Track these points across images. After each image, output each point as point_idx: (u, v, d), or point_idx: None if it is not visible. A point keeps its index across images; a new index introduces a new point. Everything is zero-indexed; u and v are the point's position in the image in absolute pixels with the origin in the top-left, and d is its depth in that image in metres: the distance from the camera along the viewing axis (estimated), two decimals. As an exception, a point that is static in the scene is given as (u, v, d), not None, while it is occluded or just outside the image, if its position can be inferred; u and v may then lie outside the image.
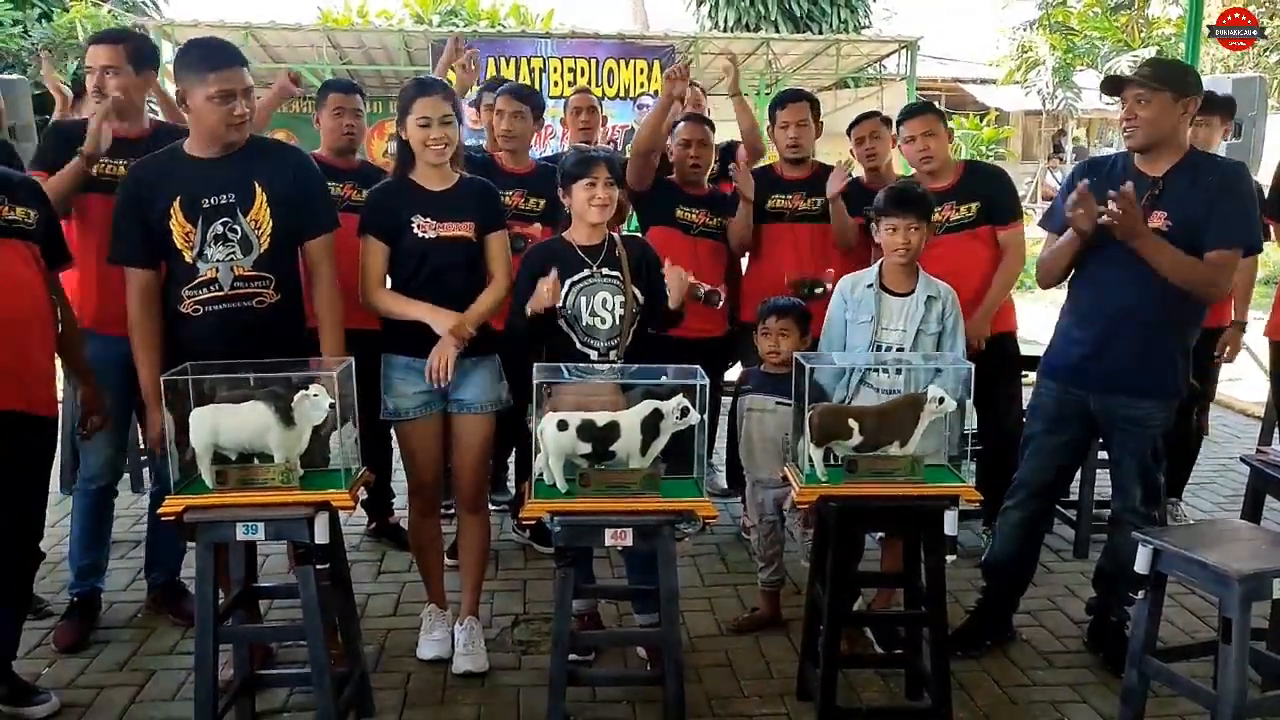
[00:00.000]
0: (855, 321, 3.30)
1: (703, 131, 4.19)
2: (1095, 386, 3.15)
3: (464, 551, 3.37)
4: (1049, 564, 4.15)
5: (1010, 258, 3.87)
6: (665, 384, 2.70)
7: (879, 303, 3.27)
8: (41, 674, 3.14)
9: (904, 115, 3.94)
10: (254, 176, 2.91)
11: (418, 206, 3.10)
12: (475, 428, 3.23)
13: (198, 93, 2.82)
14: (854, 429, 2.77)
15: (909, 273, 3.30)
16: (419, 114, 3.04)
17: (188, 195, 2.86)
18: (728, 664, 3.29)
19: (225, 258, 2.89)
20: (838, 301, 3.37)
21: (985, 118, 21.01)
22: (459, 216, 3.12)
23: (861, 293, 3.31)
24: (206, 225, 2.87)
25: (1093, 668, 3.28)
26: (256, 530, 2.59)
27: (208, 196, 2.87)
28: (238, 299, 2.92)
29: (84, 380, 3.07)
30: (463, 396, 3.19)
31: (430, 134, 3.04)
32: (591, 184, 3.10)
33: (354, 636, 2.92)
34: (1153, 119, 3.00)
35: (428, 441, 3.20)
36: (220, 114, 2.82)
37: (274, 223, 2.92)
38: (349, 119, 3.95)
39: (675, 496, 2.66)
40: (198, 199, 2.87)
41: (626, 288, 3.15)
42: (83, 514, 3.47)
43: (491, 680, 3.17)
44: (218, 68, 2.81)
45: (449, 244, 3.10)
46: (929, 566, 2.79)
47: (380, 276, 3.13)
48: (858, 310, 3.29)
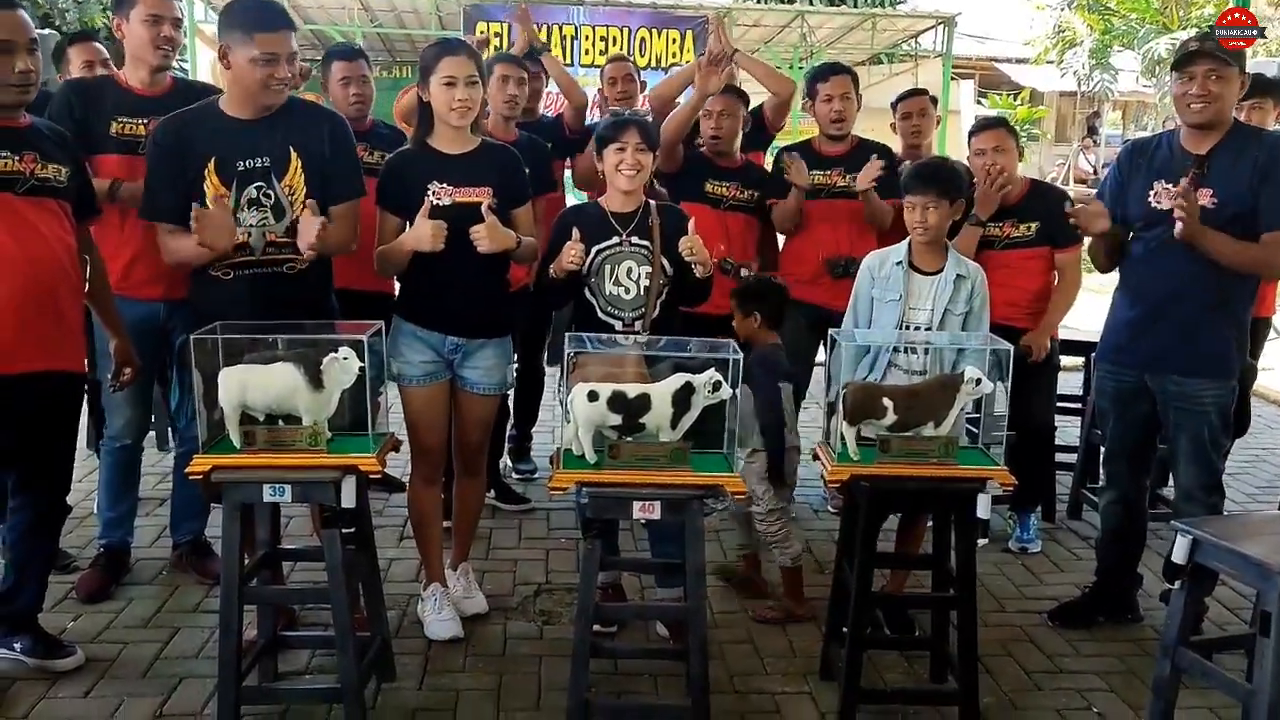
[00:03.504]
0: (883, 300, 3.26)
1: (731, 104, 4.06)
2: (1147, 365, 3.15)
3: (459, 509, 3.38)
4: (1076, 550, 4.11)
5: (1067, 281, 3.84)
6: (698, 357, 2.67)
7: (907, 281, 3.22)
8: (67, 628, 3.16)
9: (976, 128, 3.90)
10: (290, 141, 2.88)
11: (434, 173, 3.02)
12: (478, 407, 3.22)
13: (240, 52, 2.78)
14: (888, 408, 2.72)
15: (938, 250, 3.25)
16: (444, 73, 2.96)
17: (222, 157, 2.84)
18: (749, 641, 3.27)
19: (258, 222, 2.87)
20: (864, 278, 3.33)
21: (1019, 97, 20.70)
22: (476, 182, 3.03)
23: (890, 270, 3.27)
24: (240, 189, 2.84)
25: (1120, 655, 3.24)
26: (283, 492, 2.58)
27: (243, 159, 2.85)
28: (268, 264, 2.90)
29: (116, 333, 3.05)
30: (469, 375, 3.16)
31: (455, 94, 2.96)
32: (621, 149, 3.05)
33: (377, 602, 2.91)
34: (1224, 94, 2.97)
35: (431, 409, 3.15)
36: (261, 77, 2.78)
37: (308, 189, 2.89)
38: (356, 87, 3.90)
39: (704, 470, 2.63)
40: (232, 161, 2.84)
41: (655, 258, 3.09)
42: (109, 471, 3.51)
43: (513, 649, 3.17)
44: (264, 29, 2.77)
45: (465, 210, 2.98)
46: (959, 550, 2.74)
47: None
48: (886, 288, 3.26)
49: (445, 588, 3.29)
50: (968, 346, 2.99)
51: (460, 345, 3.12)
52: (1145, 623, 3.43)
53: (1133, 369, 3.21)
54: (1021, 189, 3.81)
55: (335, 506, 2.57)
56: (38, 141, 2.74)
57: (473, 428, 3.25)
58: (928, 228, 3.18)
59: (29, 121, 2.76)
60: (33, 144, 2.71)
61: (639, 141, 3.05)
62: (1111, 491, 3.40)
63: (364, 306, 3.20)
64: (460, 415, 3.22)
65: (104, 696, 2.82)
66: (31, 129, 2.75)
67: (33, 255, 2.65)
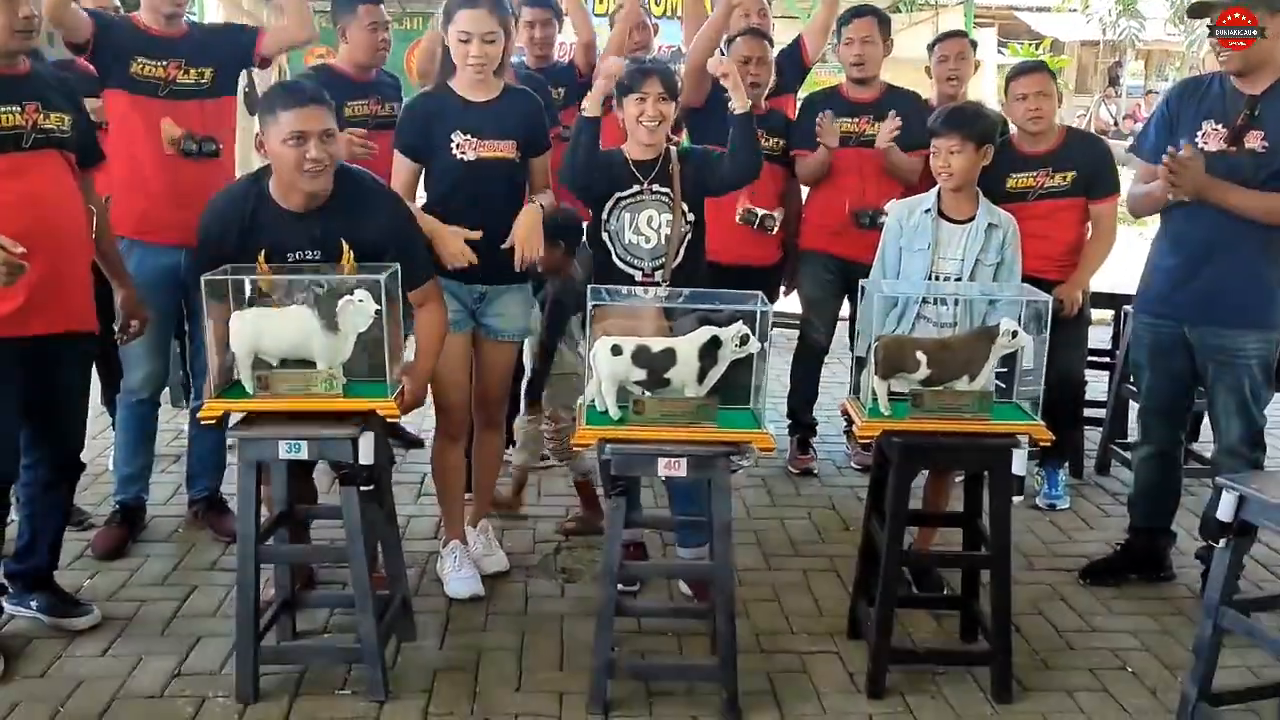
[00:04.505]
0: (911, 249, 3.16)
1: (762, 47, 3.94)
2: (1186, 316, 3.06)
3: (478, 462, 3.34)
4: (1105, 507, 4.03)
5: (1103, 232, 3.71)
6: (725, 310, 2.58)
7: (936, 230, 3.12)
8: (83, 586, 3.12)
9: (1016, 71, 3.75)
10: (340, 234, 2.65)
11: (457, 120, 2.95)
12: (500, 354, 3.19)
13: (272, 135, 2.57)
14: (921, 362, 2.63)
15: (968, 198, 3.14)
16: (460, 27, 2.88)
17: (271, 245, 2.64)
18: (775, 599, 3.21)
19: None
20: (892, 227, 3.22)
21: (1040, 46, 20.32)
22: (501, 133, 2.97)
23: (919, 219, 3.16)
24: None
25: (1153, 614, 3.17)
26: (300, 449, 2.52)
27: (293, 251, 2.66)
28: None
29: (122, 284, 2.97)
30: (491, 323, 3.12)
31: (470, 50, 2.88)
32: (642, 99, 2.96)
33: (397, 560, 2.86)
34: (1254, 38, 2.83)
35: (455, 359, 3.07)
36: (292, 159, 2.54)
37: None
38: (383, 33, 3.75)
39: (731, 427, 2.55)
40: (283, 252, 2.65)
41: (676, 205, 3.02)
42: (125, 426, 3.46)
43: (534, 608, 3.12)
44: (290, 106, 2.55)
45: (490, 164, 2.96)
46: (995, 508, 2.66)
47: (409, 197, 2.99)
48: (914, 237, 3.15)
49: (465, 545, 3.23)
50: (1002, 298, 2.88)
51: (484, 293, 3.08)
52: (1178, 580, 3.36)
53: (1171, 320, 3.11)
54: (1058, 137, 3.68)
55: (353, 463, 2.51)
56: (41, 89, 2.64)
57: (495, 377, 3.21)
58: (952, 173, 3.06)
59: (29, 68, 2.66)
60: (35, 92, 2.62)
61: (661, 91, 2.96)
62: (1146, 446, 3.32)
63: None
64: (482, 365, 3.17)
65: (121, 655, 2.78)
66: (33, 74, 2.66)
67: (40, 215, 2.57)
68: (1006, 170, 3.59)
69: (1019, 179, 3.63)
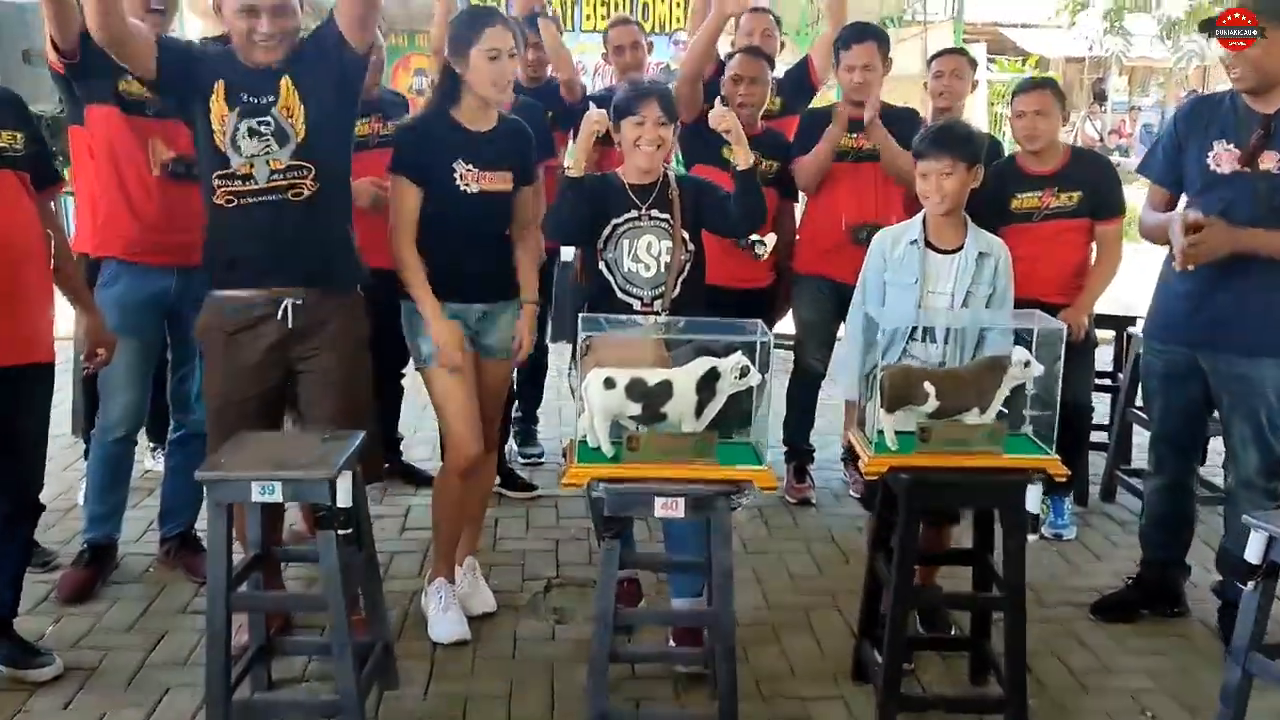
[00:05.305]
0: (898, 284, 2.94)
1: (757, 67, 3.81)
2: (1199, 343, 2.93)
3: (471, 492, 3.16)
4: (1113, 536, 3.90)
5: (1108, 254, 3.61)
6: (723, 340, 2.44)
7: (924, 262, 2.91)
8: (46, 633, 2.95)
9: (1019, 88, 3.66)
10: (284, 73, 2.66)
11: (460, 150, 2.86)
12: (500, 371, 3.11)
13: (227, 7, 2.58)
14: (929, 393, 2.50)
15: (956, 224, 2.92)
16: (489, 44, 2.77)
17: (230, 84, 2.63)
18: (775, 640, 3.07)
19: (260, 151, 2.63)
20: (875, 260, 3.00)
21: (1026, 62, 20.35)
22: (501, 164, 2.92)
23: (904, 250, 2.93)
24: (241, 119, 2.62)
25: (1169, 652, 3.04)
26: (274, 491, 2.37)
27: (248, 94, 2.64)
28: (273, 191, 2.66)
29: (85, 309, 2.84)
30: (487, 342, 3.03)
31: (501, 67, 2.80)
32: (640, 123, 2.83)
33: (378, 604, 2.70)
34: (1261, 56, 2.73)
35: (463, 388, 2.96)
36: (242, 29, 2.57)
37: (306, 108, 2.65)
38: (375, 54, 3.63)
39: (731, 464, 2.42)
40: (237, 92, 2.63)
41: (676, 232, 2.90)
42: (99, 464, 3.27)
43: (523, 651, 2.97)
44: None
45: (489, 198, 2.90)
46: (1009, 547, 2.52)
47: (412, 224, 2.88)
48: (899, 271, 2.93)
49: (452, 584, 3.08)
50: (1017, 325, 2.75)
51: (485, 312, 2.99)
52: (1193, 615, 3.23)
53: (1184, 347, 2.99)
54: (1063, 156, 3.57)
55: (330, 505, 2.36)
56: None
57: (492, 397, 3.12)
58: (945, 195, 2.84)
59: None
60: None
61: (659, 115, 2.83)
62: (1158, 477, 3.19)
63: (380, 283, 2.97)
64: (479, 387, 3.05)
65: (85, 709, 2.62)
66: None
67: None
68: (1011, 190, 3.48)
69: (1024, 199, 3.53)
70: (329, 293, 2.75)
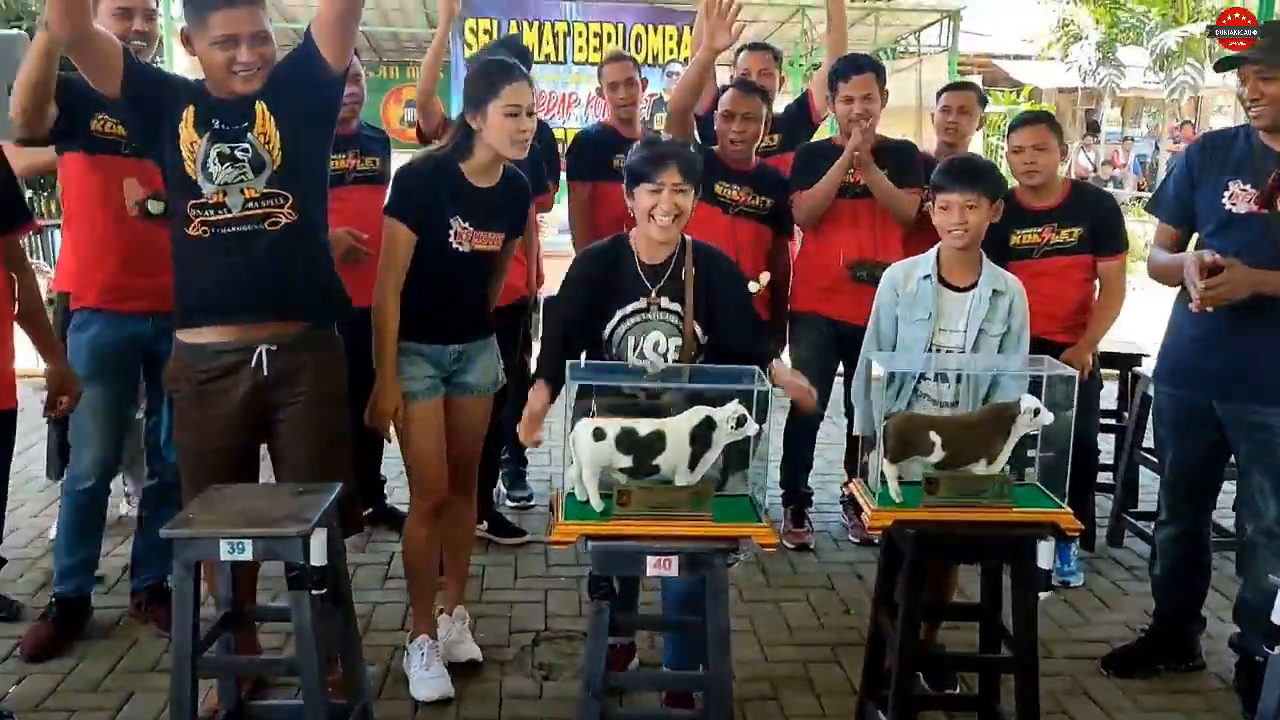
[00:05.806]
0: (909, 319, 2.84)
1: (750, 103, 3.67)
2: (1214, 389, 2.82)
3: (452, 539, 3.06)
4: (1122, 583, 3.78)
5: (1111, 291, 3.50)
6: (718, 389, 2.32)
7: (937, 298, 2.82)
8: (7, 694, 2.81)
9: (1016, 122, 3.57)
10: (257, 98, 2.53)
11: (461, 206, 2.75)
12: (479, 409, 2.99)
13: (199, 37, 2.46)
14: (935, 443, 2.39)
15: (972, 260, 2.82)
16: (509, 101, 2.64)
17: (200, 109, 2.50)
18: (773, 696, 2.93)
19: (234, 179, 2.50)
20: (887, 294, 2.90)
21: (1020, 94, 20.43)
22: (497, 224, 2.83)
23: (916, 285, 2.84)
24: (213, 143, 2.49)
25: (1188, 711, 2.91)
26: (244, 549, 2.23)
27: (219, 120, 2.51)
28: (247, 220, 2.52)
29: (49, 354, 2.72)
30: (465, 379, 2.91)
31: (521, 125, 2.67)
32: (656, 190, 2.54)
33: (356, 664, 2.56)
34: None
35: (433, 426, 2.86)
36: (221, 61, 2.45)
37: (281, 134, 2.53)
38: (352, 86, 3.53)
39: (728, 518, 2.29)
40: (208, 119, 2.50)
41: (686, 325, 2.65)
42: (69, 514, 3.12)
43: (509, 710, 2.83)
44: (219, 6, 2.41)
45: (478, 256, 2.81)
46: (1020, 606, 2.40)
47: (403, 269, 2.75)
48: (912, 306, 2.83)
49: (435, 640, 2.94)
50: (1026, 372, 2.63)
51: (462, 351, 2.88)
52: (1209, 670, 3.10)
53: (1198, 392, 2.88)
54: (1063, 191, 3.47)
55: (303, 564, 2.23)
56: None
57: (471, 436, 2.98)
58: (968, 229, 2.74)
59: None
60: None
61: (679, 180, 2.54)
62: (1171, 526, 3.07)
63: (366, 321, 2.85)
64: (457, 426, 2.93)
65: (44, 778, 2.48)
66: None
67: None
68: (1011, 226, 3.38)
69: (1024, 235, 3.43)
70: (306, 331, 2.62)
